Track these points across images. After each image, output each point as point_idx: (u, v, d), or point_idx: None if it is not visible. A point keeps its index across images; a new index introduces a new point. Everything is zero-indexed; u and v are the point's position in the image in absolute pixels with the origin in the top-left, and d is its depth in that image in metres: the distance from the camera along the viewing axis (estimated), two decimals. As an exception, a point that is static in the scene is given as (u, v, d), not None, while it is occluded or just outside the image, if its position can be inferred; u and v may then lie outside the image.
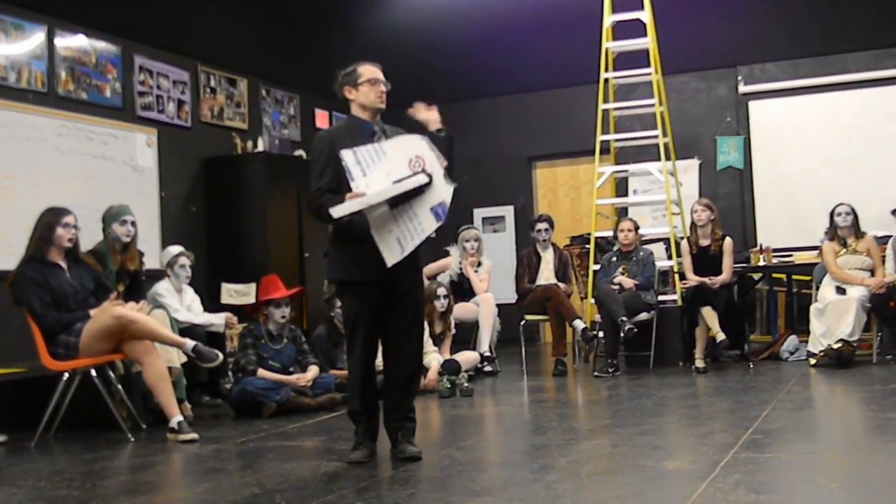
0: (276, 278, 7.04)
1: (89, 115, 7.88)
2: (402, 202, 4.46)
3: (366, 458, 4.61)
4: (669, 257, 8.82)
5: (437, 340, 7.90)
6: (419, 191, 4.45)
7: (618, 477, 4.15)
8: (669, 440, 5.13)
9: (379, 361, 6.61)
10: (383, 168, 4.47)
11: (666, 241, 9.08)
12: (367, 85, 4.76)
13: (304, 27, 10.78)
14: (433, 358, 7.49)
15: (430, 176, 4.46)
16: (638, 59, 9.18)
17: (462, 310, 8.54)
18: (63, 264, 5.84)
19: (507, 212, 11.64)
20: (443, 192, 4.50)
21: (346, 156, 4.48)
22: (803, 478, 4.01)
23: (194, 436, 5.51)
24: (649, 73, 9.08)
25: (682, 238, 8.61)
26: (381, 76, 4.79)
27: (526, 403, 6.84)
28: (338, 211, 4.40)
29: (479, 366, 8.24)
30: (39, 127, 7.42)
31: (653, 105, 9.08)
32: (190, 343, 5.82)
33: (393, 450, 4.69)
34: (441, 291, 7.99)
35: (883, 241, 8.21)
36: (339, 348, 7.16)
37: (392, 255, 4.48)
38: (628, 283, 8.16)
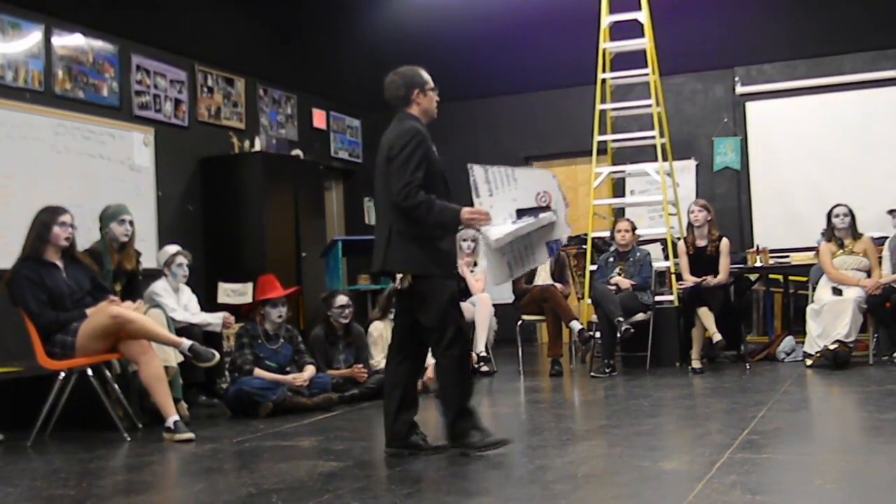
0: (272, 278, 7.03)
1: (86, 114, 7.88)
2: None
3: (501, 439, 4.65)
4: (666, 258, 8.82)
5: (434, 340, 7.88)
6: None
7: (614, 478, 4.15)
8: (666, 441, 5.13)
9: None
10: (510, 194, 4.72)
11: (663, 241, 9.07)
12: (432, 93, 4.93)
13: (301, 27, 10.78)
14: (428, 357, 7.49)
15: (555, 213, 4.70)
16: (635, 59, 9.18)
17: (458, 310, 8.52)
18: (59, 263, 5.82)
19: (504, 212, 11.61)
20: (561, 230, 4.77)
21: (478, 172, 4.71)
22: (800, 478, 4.01)
23: (190, 435, 5.50)
24: (646, 74, 9.08)
25: (678, 239, 8.62)
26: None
27: (522, 404, 6.84)
28: (499, 241, 4.62)
29: (476, 366, 8.23)
30: (36, 126, 7.41)
31: (650, 106, 9.08)
32: (186, 342, 5.82)
33: (447, 445, 4.70)
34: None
35: (880, 241, 8.22)
36: (336, 348, 7.16)
37: (501, 276, 4.76)
38: (625, 283, 8.16)
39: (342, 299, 7.20)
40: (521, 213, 4.70)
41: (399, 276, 4.71)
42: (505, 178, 4.73)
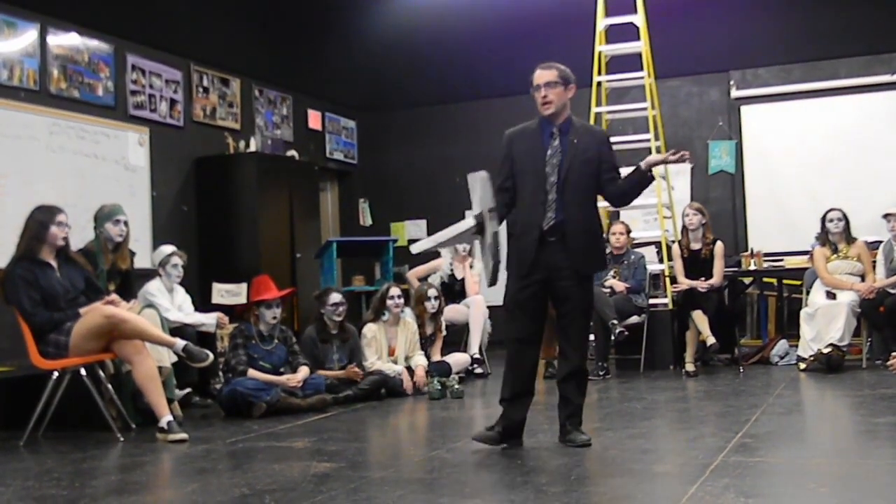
0: (267, 279, 7.03)
1: (81, 113, 7.87)
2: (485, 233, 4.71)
3: (488, 439, 4.86)
4: (661, 261, 8.83)
5: (428, 342, 7.90)
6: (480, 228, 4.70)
7: (608, 480, 4.15)
8: (659, 444, 5.14)
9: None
10: (476, 199, 4.74)
11: (657, 244, 9.09)
12: (535, 93, 5.06)
13: (297, 28, 10.77)
14: (419, 359, 7.51)
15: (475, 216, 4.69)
16: (631, 62, 9.19)
17: (452, 312, 8.54)
18: (54, 263, 5.81)
19: (499, 214, 11.62)
20: (464, 237, 4.86)
21: (469, 179, 4.75)
22: (793, 482, 4.02)
23: (184, 436, 5.49)
24: (642, 77, 9.10)
25: (673, 242, 8.63)
26: (541, 80, 5.08)
27: (516, 406, 6.83)
28: (416, 248, 4.79)
29: (470, 368, 8.24)
30: (31, 125, 7.40)
31: (645, 109, 9.09)
32: (180, 343, 5.80)
33: (561, 438, 4.90)
34: (432, 293, 7.99)
35: (874, 246, 8.24)
36: (329, 347, 7.16)
37: (488, 279, 4.76)
38: (619, 286, 8.17)
39: (335, 297, 7.20)
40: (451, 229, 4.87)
41: None
42: (473, 183, 4.75)
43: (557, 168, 4.87)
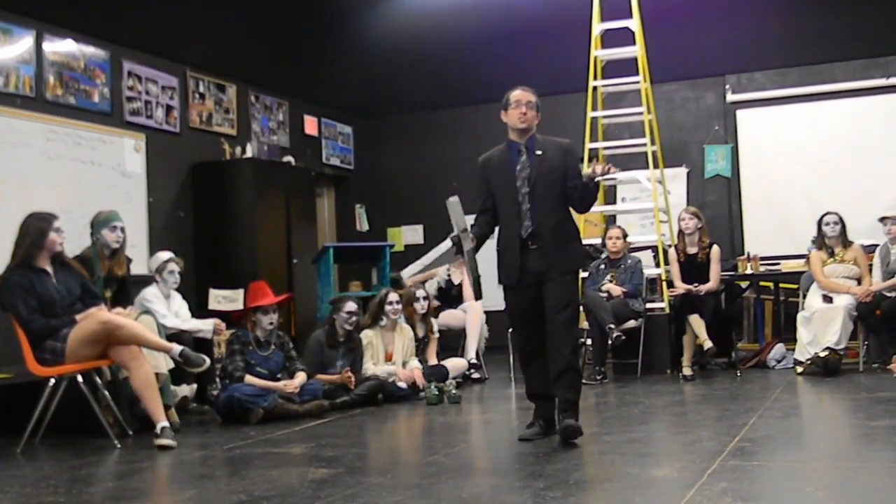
0: (264, 285, 7.03)
1: (77, 120, 7.86)
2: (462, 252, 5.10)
3: (534, 436, 5.21)
4: (657, 265, 8.84)
5: (421, 345, 7.89)
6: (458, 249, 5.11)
7: (605, 484, 4.15)
8: (657, 448, 5.14)
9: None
10: (452, 222, 5.07)
11: (654, 248, 9.09)
12: (513, 109, 5.29)
13: (293, 34, 10.78)
14: (413, 362, 7.51)
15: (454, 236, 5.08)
16: (627, 67, 9.20)
17: (450, 317, 8.54)
18: (49, 269, 5.81)
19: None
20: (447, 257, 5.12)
21: (447, 204, 5.06)
22: (790, 486, 4.02)
23: (172, 443, 5.45)
24: (638, 82, 9.10)
25: (669, 246, 8.63)
26: (524, 99, 5.27)
27: (513, 410, 6.84)
28: (405, 273, 5.20)
29: (467, 373, 8.24)
30: (27, 132, 7.40)
31: (641, 113, 9.10)
32: (177, 347, 5.79)
33: (557, 429, 5.11)
34: (420, 293, 7.96)
35: (870, 249, 8.25)
36: (335, 353, 7.16)
37: (476, 293, 5.17)
38: (616, 290, 8.17)
39: (351, 306, 7.21)
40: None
41: None
42: (448, 207, 5.05)
43: (527, 180, 5.17)
